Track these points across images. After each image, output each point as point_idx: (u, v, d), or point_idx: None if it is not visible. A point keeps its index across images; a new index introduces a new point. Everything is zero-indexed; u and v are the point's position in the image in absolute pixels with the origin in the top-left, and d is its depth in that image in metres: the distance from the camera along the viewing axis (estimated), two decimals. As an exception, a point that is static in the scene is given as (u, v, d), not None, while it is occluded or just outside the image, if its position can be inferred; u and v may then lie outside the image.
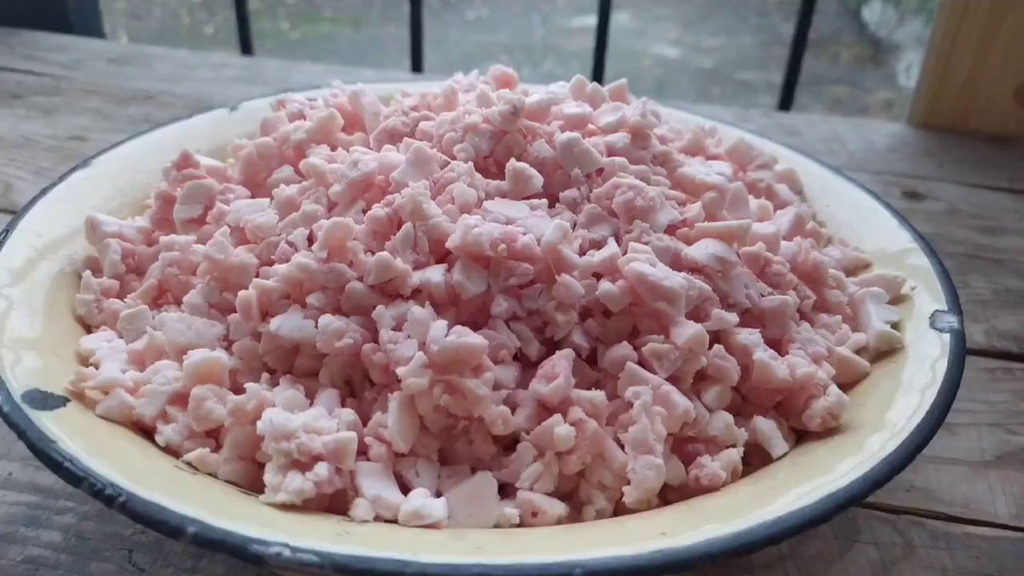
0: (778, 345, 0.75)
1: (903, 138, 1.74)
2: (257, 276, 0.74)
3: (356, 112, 0.94)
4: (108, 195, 0.97)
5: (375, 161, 0.78)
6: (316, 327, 0.67)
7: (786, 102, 2.26)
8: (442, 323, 0.64)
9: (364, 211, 0.76)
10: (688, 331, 0.68)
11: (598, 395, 0.66)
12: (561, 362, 0.66)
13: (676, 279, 0.69)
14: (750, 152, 1.01)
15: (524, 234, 0.71)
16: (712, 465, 0.64)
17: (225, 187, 0.86)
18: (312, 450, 0.59)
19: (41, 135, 1.57)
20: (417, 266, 0.71)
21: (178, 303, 0.77)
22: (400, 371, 0.62)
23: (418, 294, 0.69)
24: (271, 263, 0.75)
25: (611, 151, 0.83)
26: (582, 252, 0.73)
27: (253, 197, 0.87)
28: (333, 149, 0.88)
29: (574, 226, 0.78)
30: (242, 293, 0.70)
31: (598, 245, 0.76)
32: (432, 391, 0.63)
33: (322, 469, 0.58)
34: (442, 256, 0.73)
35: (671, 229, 0.77)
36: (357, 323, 0.68)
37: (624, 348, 0.69)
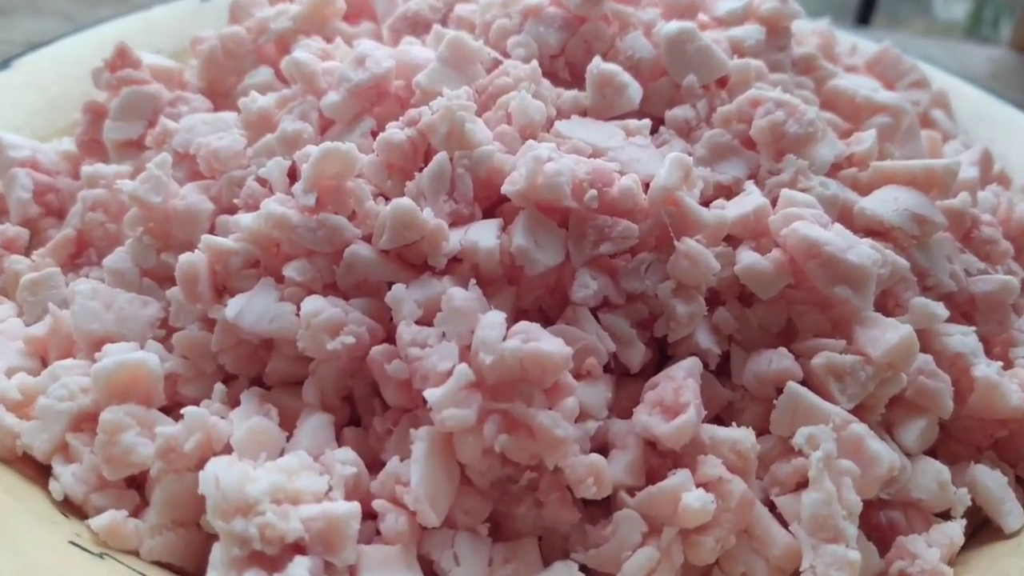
0: (989, 347, 0.50)
1: (1006, 63, 1.48)
2: (212, 231, 0.49)
3: (363, -5, 0.67)
4: (33, 108, 0.72)
5: (391, 58, 0.52)
6: (298, 315, 0.42)
7: (865, 14, 1.94)
8: (498, 317, 0.40)
9: (374, 133, 0.50)
10: (888, 335, 0.43)
11: (745, 437, 0.41)
12: (686, 383, 0.41)
13: (864, 250, 0.44)
14: (898, 65, 0.74)
15: (621, 173, 0.45)
16: (928, 556, 0.40)
17: (177, 96, 0.60)
18: (285, 534, 0.35)
19: (-13, 38, 1.21)
20: (456, 221, 0.45)
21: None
22: (431, 396, 0.38)
23: (457, 266, 0.44)
24: (233, 210, 0.50)
25: (738, 51, 0.56)
26: (704, 202, 0.48)
27: (216, 111, 0.61)
28: (329, 43, 0.62)
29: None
30: (185, 258, 0.45)
31: (728, 191, 0.51)
32: (482, 427, 0.38)
33: (301, 570, 0.34)
34: (494, 205, 0.47)
35: (833, 169, 0.51)
36: (362, 310, 0.43)
37: (779, 358, 0.44)
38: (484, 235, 0.44)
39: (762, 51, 0.57)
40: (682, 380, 0.41)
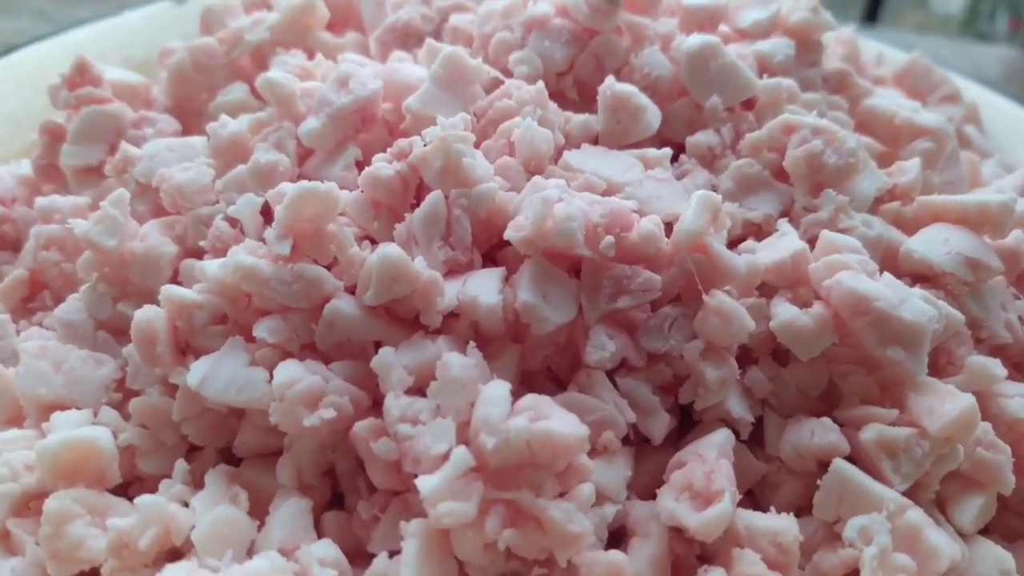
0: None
1: (1018, 64, 1.44)
2: (175, 278, 0.43)
3: (348, 1, 0.61)
4: (-10, 124, 0.66)
5: (378, 77, 0.46)
6: (270, 382, 0.37)
7: (872, 11, 1.88)
8: (502, 390, 0.34)
9: (359, 164, 0.45)
10: (947, 406, 0.37)
11: (787, 527, 0.36)
12: (719, 464, 0.36)
13: (918, 305, 0.39)
14: (929, 77, 0.68)
15: (640, 213, 0.40)
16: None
17: (141, 116, 0.54)
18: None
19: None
20: (453, 269, 0.40)
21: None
22: (423, 486, 0.33)
23: (454, 322, 0.39)
24: (199, 254, 0.44)
25: (766, 67, 0.51)
26: (732, 242, 0.42)
27: (185, 134, 0.55)
28: (311, 57, 0.56)
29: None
30: (141, 315, 0.39)
31: (758, 230, 0.45)
32: (484, 520, 0.33)
33: None
34: (495, 248, 0.42)
35: (875, 203, 0.46)
36: (344, 375, 0.38)
37: (823, 430, 0.39)
38: (485, 289, 0.38)
39: (792, 68, 0.51)
40: (714, 461, 0.36)
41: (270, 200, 0.40)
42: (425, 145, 0.41)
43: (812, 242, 0.43)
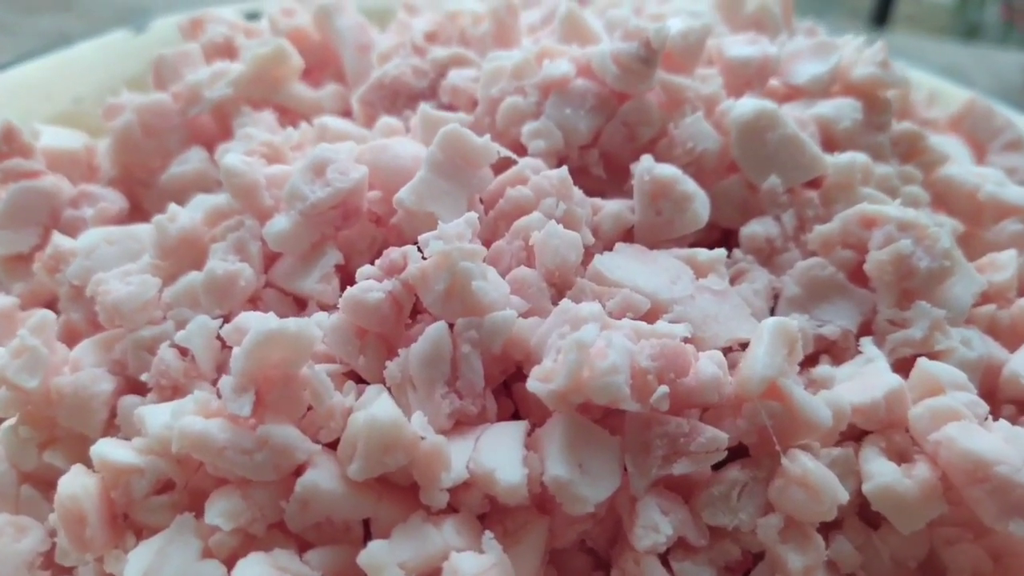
0: None
1: None
2: (112, 418, 0.35)
3: (327, 43, 0.52)
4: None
5: (362, 160, 0.37)
6: (228, 583, 0.28)
7: (882, 14, 1.81)
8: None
9: (339, 269, 0.36)
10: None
11: None
12: None
13: (1049, 465, 0.30)
14: (990, 121, 0.59)
15: (694, 343, 0.32)
16: None
17: (81, 193, 0.45)
18: None
19: None
20: (460, 421, 0.31)
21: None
22: None
23: (464, 494, 0.30)
24: (142, 388, 0.35)
25: (830, 135, 0.42)
26: (800, 364, 0.34)
27: (134, 211, 0.46)
28: (283, 116, 0.47)
29: (775, 301, 0.38)
30: (65, 487, 0.31)
31: (833, 349, 0.37)
32: None
33: None
34: (509, 379, 0.33)
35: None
36: (323, 567, 0.29)
37: (935, 627, 0.30)
38: (503, 459, 0.30)
39: (859, 133, 0.43)
40: None
41: (225, 337, 0.32)
42: (424, 257, 0.32)
43: (900, 365, 0.35)
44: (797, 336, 0.32)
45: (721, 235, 0.41)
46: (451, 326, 0.32)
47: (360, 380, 0.33)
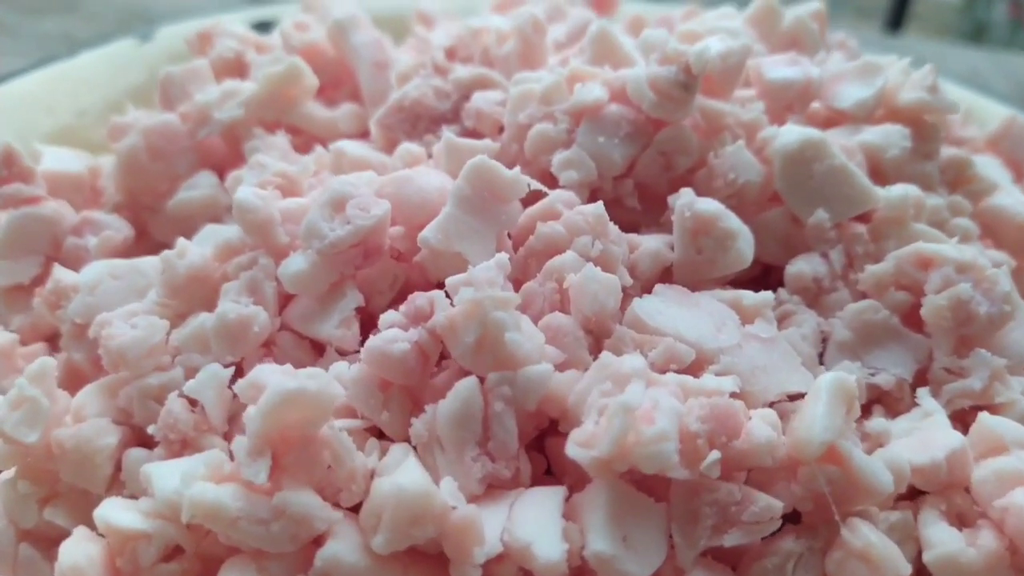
0: None
1: None
2: (118, 472, 0.33)
3: (341, 59, 0.49)
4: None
5: (383, 194, 0.35)
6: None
7: (897, 17, 1.77)
8: None
9: (361, 320, 0.34)
10: None
11: None
12: None
13: None
14: (1031, 138, 0.57)
15: (743, 398, 0.29)
16: None
17: (84, 220, 0.43)
18: None
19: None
20: (492, 484, 0.29)
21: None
22: None
23: (496, 567, 0.28)
24: (150, 442, 0.33)
25: (877, 164, 0.40)
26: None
27: (140, 239, 0.44)
28: (296, 137, 0.45)
29: (823, 346, 0.35)
30: (67, 553, 0.28)
31: (887, 399, 0.35)
32: None
33: None
34: (542, 434, 0.31)
35: None
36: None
37: None
38: (540, 531, 0.27)
39: (907, 162, 0.40)
40: None
41: (239, 393, 0.29)
42: (453, 306, 0.30)
43: (957, 417, 0.33)
44: (856, 393, 0.29)
45: (762, 270, 0.39)
46: (481, 378, 0.30)
47: (382, 435, 0.31)
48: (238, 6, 0.80)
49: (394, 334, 0.30)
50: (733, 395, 0.30)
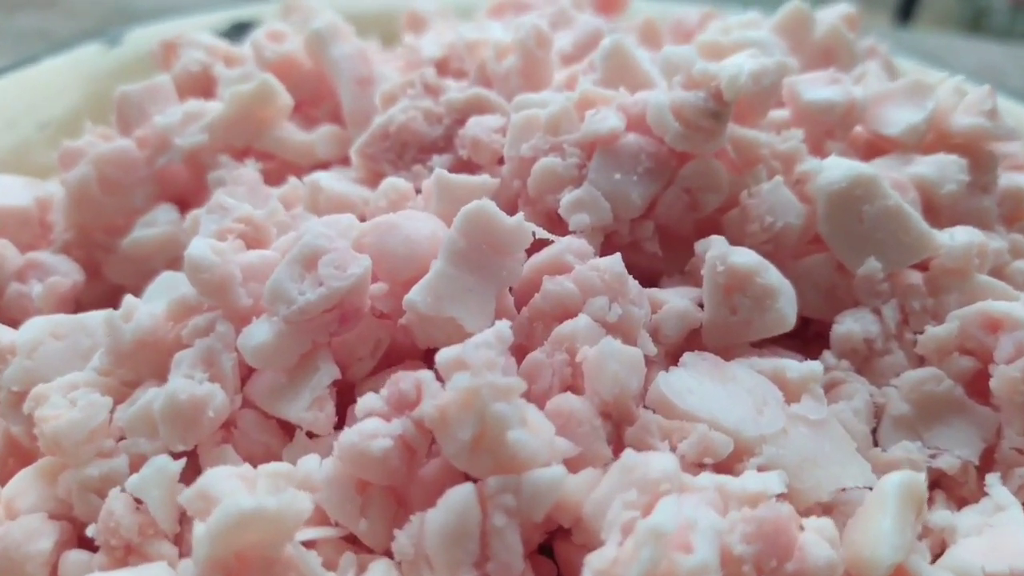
0: None
1: None
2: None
3: (320, 71, 0.44)
4: None
5: (362, 246, 0.30)
6: None
7: (907, 7, 1.72)
8: None
9: (339, 390, 0.29)
10: None
11: None
12: None
13: None
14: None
15: (787, 497, 0.24)
16: None
17: (28, 263, 0.38)
18: None
19: None
20: (492, 611, 0.24)
21: None
22: None
23: None
24: (91, 544, 0.28)
25: (930, 201, 0.35)
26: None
27: (92, 283, 0.39)
28: (267, 163, 0.40)
29: (877, 419, 0.31)
30: None
31: (952, 485, 0.30)
32: None
33: None
34: (548, 538, 0.26)
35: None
36: None
37: None
38: None
39: (963, 197, 0.35)
40: None
41: (185, 504, 0.24)
42: (445, 393, 0.25)
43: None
44: (924, 495, 0.25)
45: (801, 324, 0.34)
46: (479, 491, 0.25)
47: (360, 543, 0.26)
48: (220, 4, 0.74)
49: (374, 427, 0.25)
50: (780, 496, 0.25)
